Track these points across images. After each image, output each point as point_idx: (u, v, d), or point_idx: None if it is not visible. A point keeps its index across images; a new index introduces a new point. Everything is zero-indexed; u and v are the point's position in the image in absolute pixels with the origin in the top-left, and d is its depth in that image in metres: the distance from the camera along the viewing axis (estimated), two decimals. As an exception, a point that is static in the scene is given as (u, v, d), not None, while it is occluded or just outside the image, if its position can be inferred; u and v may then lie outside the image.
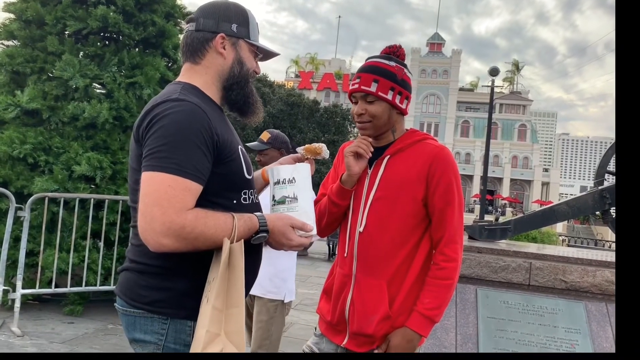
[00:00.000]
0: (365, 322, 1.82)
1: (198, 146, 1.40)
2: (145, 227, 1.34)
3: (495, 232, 4.06)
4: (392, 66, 1.88)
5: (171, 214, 1.32)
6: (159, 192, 1.34)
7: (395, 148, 1.89)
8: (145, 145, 1.41)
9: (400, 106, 1.89)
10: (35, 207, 5.05)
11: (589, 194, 4.16)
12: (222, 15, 1.61)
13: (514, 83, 76.82)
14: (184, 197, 1.36)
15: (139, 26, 5.85)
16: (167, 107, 1.41)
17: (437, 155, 1.83)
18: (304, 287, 8.26)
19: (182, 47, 1.64)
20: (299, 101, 31.75)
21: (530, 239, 8.17)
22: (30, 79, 5.58)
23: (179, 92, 1.48)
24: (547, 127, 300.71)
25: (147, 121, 1.42)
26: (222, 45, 1.60)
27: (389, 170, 1.87)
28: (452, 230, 1.84)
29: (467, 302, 3.34)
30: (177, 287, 1.45)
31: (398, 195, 1.83)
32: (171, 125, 1.38)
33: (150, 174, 1.36)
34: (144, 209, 1.34)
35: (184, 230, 1.33)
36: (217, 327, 1.35)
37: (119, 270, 1.59)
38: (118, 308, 1.54)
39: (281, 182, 1.64)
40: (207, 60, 1.61)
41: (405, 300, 1.84)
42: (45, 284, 5.03)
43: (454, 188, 1.84)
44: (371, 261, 1.85)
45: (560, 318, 3.23)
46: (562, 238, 19.81)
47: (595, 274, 3.33)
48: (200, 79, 1.60)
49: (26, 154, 5.24)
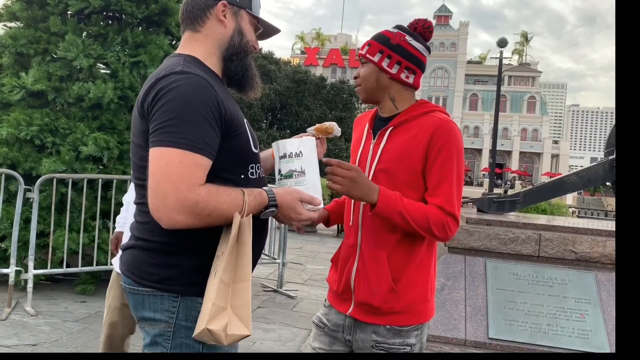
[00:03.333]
0: (369, 293, 1.81)
1: (207, 120, 1.37)
2: (157, 204, 1.32)
3: (504, 204, 4.04)
4: (392, 32, 1.87)
5: (184, 190, 1.30)
6: (170, 168, 1.31)
7: (400, 119, 1.86)
8: (151, 120, 1.37)
9: (386, 69, 1.84)
10: (44, 188, 5.08)
11: (599, 164, 4.11)
12: None
13: (522, 55, 75.85)
14: (195, 172, 1.33)
15: (141, 4, 5.78)
16: (172, 80, 1.37)
17: (439, 127, 1.77)
18: (313, 262, 8.31)
19: (182, 14, 1.60)
20: (306, 78, 31.54)
21: (539, 211, 8.12)
22: (35, 60, 5.56)
23: (182, 64, 1.44)
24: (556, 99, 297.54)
25: (153, 95, 1.38)
26: (224, 13, 1.56)
27: (390, 142, 1.84)
28: (449, 206, 1.75)
29: (477, 275, 3.34)
30: (186, 264, 1.43)
31: (398, 166, 1.79)
32: (178, 99, 1.35)
33: (160, 150, 1.33)
34: (155, 185, 1.32)
35: (198, 206, 1.32)
36: (224, 301, 1.34)
37: (124, 248, 1.55)
38: (125, 287, 1.51)
39: (287, 155, 1.62)
40: (207, 28, 1.56)
41: (414, 275, 1.82)
42: (57, 264, 5.09)
43: (454, 162, 1.77)
44: (375, 232, 1.83)
45: (570, 288, 3.22)
46: (572, 210, 19.73)
47: (605, 244, 3.30)
48: (200, 48, 1.56)
49: (33, 136, 5.25)
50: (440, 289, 3.27)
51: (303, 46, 73.14)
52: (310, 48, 70.44)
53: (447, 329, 3.12)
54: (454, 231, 1.77)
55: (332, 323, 1.94)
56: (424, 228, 1.72)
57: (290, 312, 5.36)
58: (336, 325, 1.92)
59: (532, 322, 3.10)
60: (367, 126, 1.97)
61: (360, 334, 1.86)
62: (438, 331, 3.11)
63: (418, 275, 1.83)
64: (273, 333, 4.59)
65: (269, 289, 6.22)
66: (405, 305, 1.80)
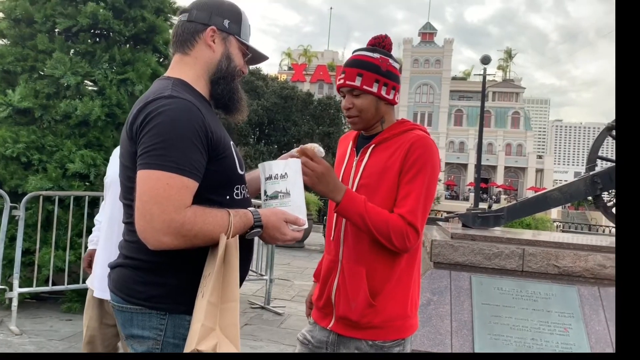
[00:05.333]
0: (348, 308, 1.85)
1: (194, 143, 1.40)
2: (144, 225, 1.35)
3: (489, 219, 4.10)
4: (376, 58, 1.89)
5: (171, 212, 1.33)
6: (157, 190, 1.34)
7: (381, 137, 1.92)
8: (140, 143, 1.40)
9: (386, 97, 1.90)
10: (30, 205, 5.05)
11: (581, 179, 4.21)
12: (216, 9, 1.62)
13: (506, 71, 76.89)
14: (182, 194, 1.36)
15: (129, 22, 5.82)
16: (161, 104, 1.41)
17: (415, 142, 1.82)
18: (301, 278, 8.30)
19: (173, 37, 1.65)
20: (293, 94, 31.69)
21: (524, 225, 8.22)
22: (22, 78, 5.56)
23: (170, 88, 1.48)
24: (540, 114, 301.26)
25: (141, 119, 1.41)
26: (212, 38, 1.61)
27: (372, 159, 1.90)
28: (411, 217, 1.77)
29: (462, 289, 3.38)
30: (173, 283, 1.46)
31: (378, 183, 1.84)
32: (166, 123, 1.38)
33: (147, 172, 1.36)
34: (142, 207, 1.35)
35: (184, 228, 1.35)
36: (212, 321, 1.36)
37: (112, 266, 1.58)
38: (113, 304, 1.54)
39: (273, 177, 1.65)
40: (196, 52, 1.61)
41: (393, 290, 1.85)
42: (42, 282, 5.04)
43: (426, 176, 1.80)
44: (356, 247, 1.87)
45: (554, 303, 3.28)
46: (556, 224, 19.92)
47: (587, 258, 3.37)
48: (189, 71, 1.60)
49: (19, 153, 5.23)
50: (426, 304, 3.30)
51: (290, 62, 73.56)
52: (298, 64, 70.86)
53: (433, 344, 3.15)
54: (413, 242, 1.78)
55: (316, 340, 1.97)
56: (383, 234, 1.75)
57: (278, 329, 5.35)
58: (320, 342, 1.95)
59: (517, 337, 3.14)
60: (351, 144, 2.04)
61: (343, 350, 1.88)
62: (424, 346, 3.14)
63: (397, 290, 1.86)
64: (260, 350, 4.58)
65: (257, 305, 6.21)
66: (384, 321, 1.83)
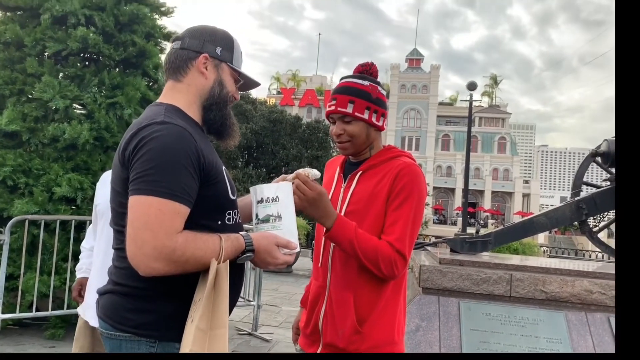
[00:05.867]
0: (336, 335, 1.84)
1: (186, 169, 1.41)
2: (135, 251, 1.34)
3: (477, 244, 4.12)
4: (366, 85, 1.93)
5: (162, 238, 1.33)
6: (149, 216, 1.34)
7: (368, 164, 1.94)
8: (132, 168, 1.40)
9: (376, 124, 1.93)
10: (15, 230, 4.99)
11: (566, 205, 4.25)
12: (208, 37, 1.65)
13: (492, 96, 77.96)
14: (174, 220, 1.36)
15: (119, 46, 5.86)
16: (153, 130, 1.42)
17: (402, 169, 1.85)
18: (289, 304, 8.23)
19: (165, 64, 1.66)
20: (282, 117, 31.84)
21: (512, 250, 8.25)
22: (10, 101, 5.55)
23: (163, 114, 1.49)
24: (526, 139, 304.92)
25: (134, 145, 1.42)
26: (205, 65, 1.63)
27: (360, 185, 1.92)
28: (400, 244, 1.79)
29: (450, 315, 3.37)
30: (164, 310, 1.46)
31: (367, 209, 1.86)
32: (159, 148, 1.39)
33: (139, 198, 1.36)
34: (134, 233, 1.34)
35: (175, 254, 1.34)
36: (201, 348, 1.35)
37: (100, 293, 1.57)
38: (102, 332, 1.52)
39: (264, 200, 1.65)
40: (189, 79, 1.63)
41: (380, 315, 1.85)
42: (26, 307, 4.96)
43: (413, 203, 1.82)
44: (343, 273, 1.88)
45: (542, 328, 3.28)
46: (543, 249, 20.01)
47: (574, 283, 3.39)
48: (182, 98, 1.61)
49: (5, 177, 5.18)
50: (415, 330, 3.29)
51: (279, 87, 74.07)
52: (286, 88, 71.36)
53: (422, 371, 3.13)
54: (400, 270, 1.80)
55: None
56: (371, 261, 1.76)
57: (266, 355, 5.29)
58: None
59: (506, 363, 3.13)
60: (338, 170, 2.05)
61: None
62: (413, 373, 3.12)
63: (383, 317, 1.86)
64: (248, 377, 4.51)
65: (244, 332, 6.14)
66: (370, 347, 1.83)
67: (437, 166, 64.68)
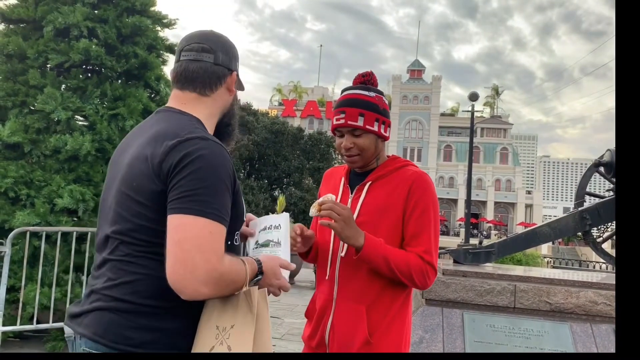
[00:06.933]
0: (344, 347, 1.83)
1: (228, 190, 1.40)
2: (184, 274, 1.29)
3: (480, 255, 4.09)
4: (373, 97, 1.93)
5: (214, 262, 1.31)
6: (202, 239, 1.31)
7: (377, 174, 1.93)
8: (176, 185, 1.35)
9: (385, 135, 1.95)
10: (17, 241, 4.98)
11: (570, 215, 4.23)
12: (233, 53, 1.65)
13: (494, 107, 78.08)
14: (222, 244, 1.36)
15: (121, 58, 5.88)
16: (199, 147, 1.38)
17: (415, 180, 1.87)
18: (291, 316, 8.17)
19: (191, 73, 1.58)
20: (283, 129, 31.84)
21: (515, 261, 8.21)
22: (12, 113, 5.56)
23: (196, 127, 1.47)
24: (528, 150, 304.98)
25: (177, 159, 1.37)
26: (233, 83, 1.65)
27: (370, 196, 1.91)
28: (428, 256, 1.85)
29: (454, 327, 3.34)
30: (170, 327, 1.40)
31: (380, 220, 1.86)
32: (208, 168, 1.36)
33: (190, 218, 1.32)
34: (183, 255, 1.29)
35: (222, 278, 1.33)
36: None
37: (87, 310, 1.46)
38: (89, 352, 1.40)
39: (267, 228, 1.71)
40: (217, 95, 1.61)
41: (390, 325, 1.84)
42: (27, 320, 4.93)
43: (431, 213, 1.87)
44: (352, 286, 1.87)
45: (547, 340, 3.24)
46: (547, 260, 19.92)
47: (578, 294, 3.35)
48: (205, 110, 1.59)
49: (7, 188, 5.18)
50: (418, 342, 3.26)
51: (281, 98, 74.31)
52: (288, 100, 71.59)
53: (426, 383, 3.09)
54: (432, 280, 1.84)
55: None
56: (405, 274, 1.79)
57: (267, 367, 5.23)
58: None
59: (511, 375, 3.09)
60: (343, 180, 2.03)
61: None
62: (417, 385, 3.08)
63: (393, 327, 1.86)
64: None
65: (246, 343, 6.08)
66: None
67: (439, 177, 64.63)
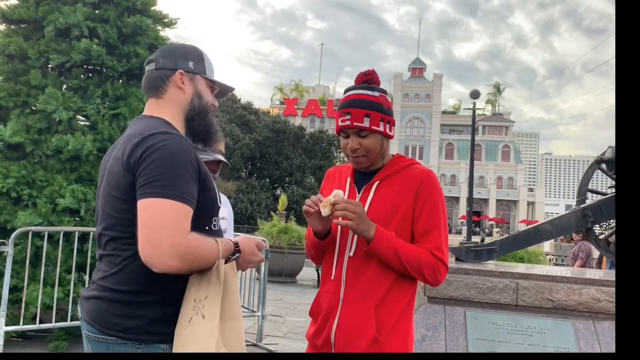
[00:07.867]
0: (351, 345, 1.82)
1: (191, 175, 1.54)
2: (151, 249, 1.44)
3: (482, 253, 4.09)
4: (377, 97, 1.92)
5: (179, 237, 1.45)
6: (165, 217, 1.45)
7: (384, 174, 1.94)
8: (140, 174, 1.51)
9: (390, 134, 1.96)
10: (19, 241, 4.98)
11: (572, 212, 4.22)
12: (179, 54, 1.78)
13: (495, 105, 78.02)
14: (186, 221, 1.49)
15: (122, 58, 5.88)
16: (159, 140, 1.54)
17: (423, 178, 1.89)
18: (294, 314, 8.19)
19: (144, 85, 1.78)
20: (285, 128, 31.92)
21: (517, 259, 8.19)
22: (14, 113, 5.56)
23: (161, 126, 1.63)
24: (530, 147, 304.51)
25: (140, 152, 1.53)
26: (181, 80, 1.75)
27: (378, 195, 1.91)
28: (440, 253, 1.87)
29: (457, 324, 3.34)
30: (148, 315, 1.55)
31: (389, 218, 1.87)
32: (167, 156, 1.51)
33: (153, 200, 1.47)
34: (150, 233, 1.44)
35: (188, 252, 1.46)
36: (214, 342, 1.49)
37: (86, 297, 1.65)
38: (89, 335, 1.61)
39: None
40: (169, 95, 1.75)
41: (397, 323, 1.84)
42: (29, 319, 4.93)
43: (440, 210, 1.90)
44: (360, 285, 1.87)
45: (549, 337, 3.24)
46: (549, 257, 19.89)
47: (581, 292, 3.35)
48: (166, 113, 1.73)
49: (9, 188, 5.18)
50: (421, 340, 3.26)
51: (282, 97, 74.35)
52: (289, 99, 71.61)
53: (428, 381, 3.09)
54: (444, 276, 1.86)
55: None
56: (415, 268, 1.81)
57: (270, 366, 5.24)
58: None
59: (513, 373, 3.09)
60: (349, 180, 2.02)
61: None
62: (420, 383, 3.08)
63: (400, 325, 1.86)
64: (252, 388, 4.48)
65: (249, 343, 6.09)
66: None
67: (441, 175, 64.62)
